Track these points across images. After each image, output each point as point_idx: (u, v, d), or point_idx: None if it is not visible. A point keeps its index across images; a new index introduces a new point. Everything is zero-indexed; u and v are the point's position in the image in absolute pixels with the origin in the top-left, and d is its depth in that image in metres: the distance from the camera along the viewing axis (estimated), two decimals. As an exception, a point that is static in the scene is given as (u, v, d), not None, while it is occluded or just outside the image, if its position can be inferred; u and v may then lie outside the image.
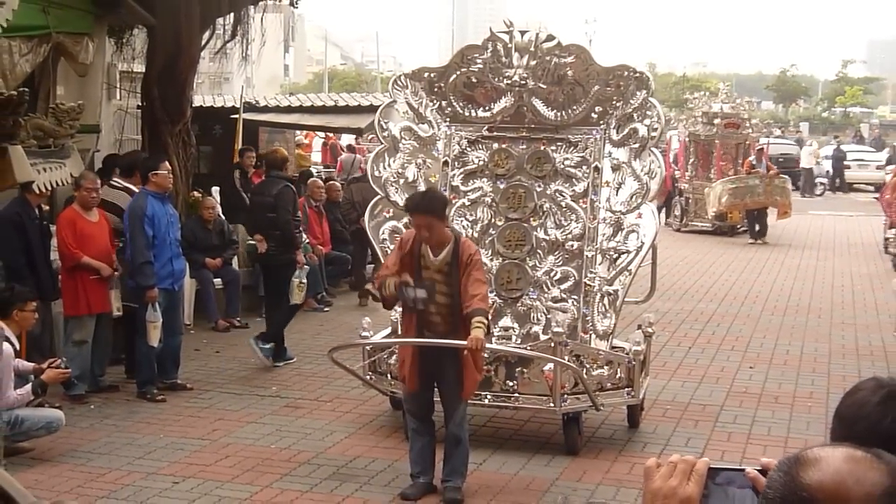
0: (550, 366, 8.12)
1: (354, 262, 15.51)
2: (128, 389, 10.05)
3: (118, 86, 16.33)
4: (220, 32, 14.97)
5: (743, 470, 1.91)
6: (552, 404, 8.21)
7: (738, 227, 23.65)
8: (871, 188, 34.49)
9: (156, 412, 9.43)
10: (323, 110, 18.99)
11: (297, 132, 23.28)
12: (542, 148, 9.37)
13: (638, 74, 9.26)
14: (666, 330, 12.49)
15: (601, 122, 9.28)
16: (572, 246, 9.01)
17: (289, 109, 19.09)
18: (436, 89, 9.54)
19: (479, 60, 9.33)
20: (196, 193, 13.97)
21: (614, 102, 9.22)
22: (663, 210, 24.57)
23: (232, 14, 14.81)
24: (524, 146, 9.42)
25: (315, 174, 19.36)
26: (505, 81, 9.21)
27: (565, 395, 8.16)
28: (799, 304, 15.32)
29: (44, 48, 10.35)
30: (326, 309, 14.22)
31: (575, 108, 9.28)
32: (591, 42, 75.96)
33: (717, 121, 24.10)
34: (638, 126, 9.02)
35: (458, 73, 9.42)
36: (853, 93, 73.65)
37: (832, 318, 14.20)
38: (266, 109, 18.66)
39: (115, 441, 8.56)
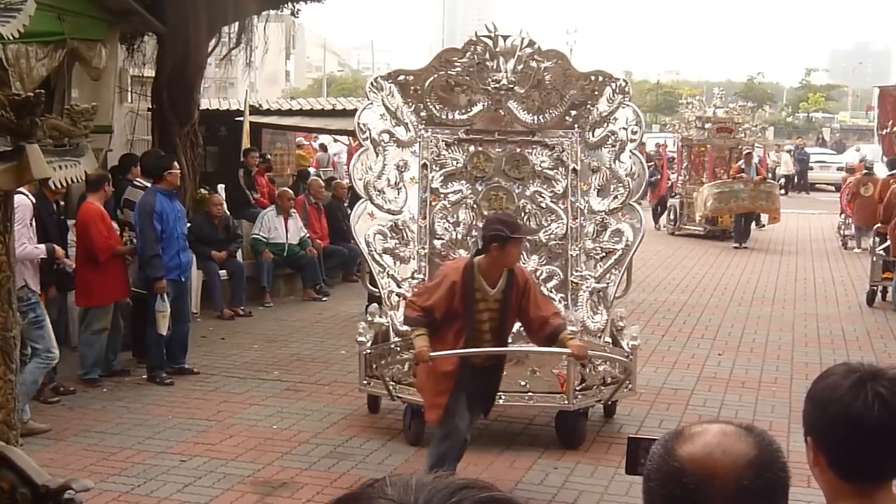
0: (562, 365, 7.90)
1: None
2: (138, 373, 10.01)
3: (130, 89, 16.31)
4: (226, 40, 14.95)
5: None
6: (566, 401, 7.94)
7: (730, 231, 21.89)
8: (832, 188, 34.54)
9: (165, 395, 9.40)
10: (322, 113, 18.98)
11: (298, 134, 23.24)
12: (519, 150, 9.06)
13: (616, 80, 9.09)
14: (640, 319, 12.48)
15: (576, 125, 9.05)
16: (555, 246, 8.78)
17: (290, 112, 19.08)
18: (411, 91, 9.08)
19: (457, 64, 8.92)
20: (203, 191, 13.95)
21: (588, 106, 9.00)
22: (658, 213, 24.16)
23: (237, 23, 14.80)
24: (500, 149, 9.09)
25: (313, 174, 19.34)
26: (492, 85, 8.84)
27: (576, 392, 7.96)
28: (765, 295, 15.34)
29: (59, 53, 10.30)
30: (325, 299, 14.19)
31: (551, 111, 9.02)
32: (572, 51, 76.16)
33: (707, 125, 22.97)
34: (615, 129, 8.85)
35: (436, 75, 8.99)
36: (816, 99, 73.82)
37: (795, 309, 14.22)
38: (269, 112, 18.64)
39: (127, 422, 8.53)
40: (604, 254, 8.67)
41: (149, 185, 10.64)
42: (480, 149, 9.07)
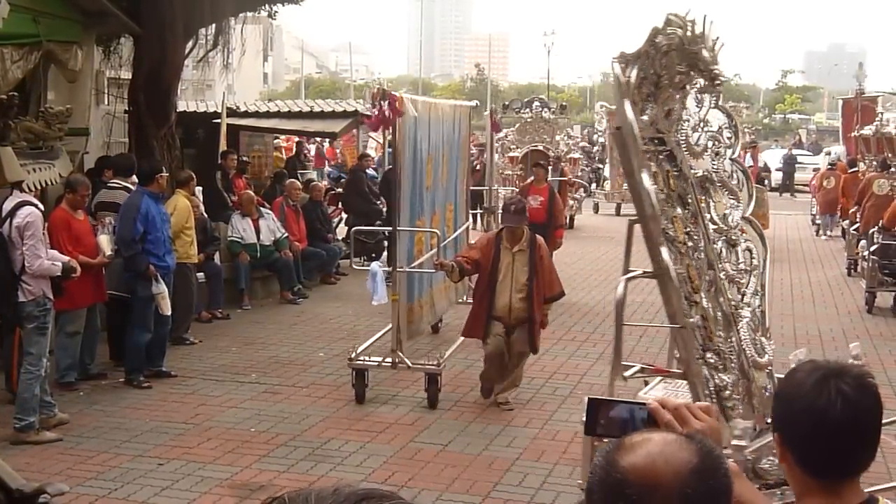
0: None
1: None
2: (115, 376, 9.96)
3: (106, 91, 16.22)
4: (203, 42, 14.89)
5: (642, 404, 2.01)
6: None
7: None
8: (805, 188, 34.73)
9: (142, 398, 9.36)
10: (299, 115, 18.98)
11: (277, 135, 23.20)
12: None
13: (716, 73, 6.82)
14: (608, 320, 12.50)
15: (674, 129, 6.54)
16: (708, 276, 6.55)
17: (268, 115, 19.07)
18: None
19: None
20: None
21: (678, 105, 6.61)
22: None
23: (214, 25, 14.73)
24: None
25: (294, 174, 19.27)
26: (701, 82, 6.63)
27: None
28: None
29: (35, 55, 10.23)
30: (301, 301, 14.14)
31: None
32: (550, 53, 76.28)
33: None
34: (715, 134, 6.76)
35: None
36: (792, 101, 74.32)
37: (772, 309, 14.25)
38: (246, 114, 18.61)
39: (103, 425, 8.49)
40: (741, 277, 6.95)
41: (126, 184, 10.64)
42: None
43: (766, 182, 29.38)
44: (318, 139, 26.88)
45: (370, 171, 20.26)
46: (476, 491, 7.17)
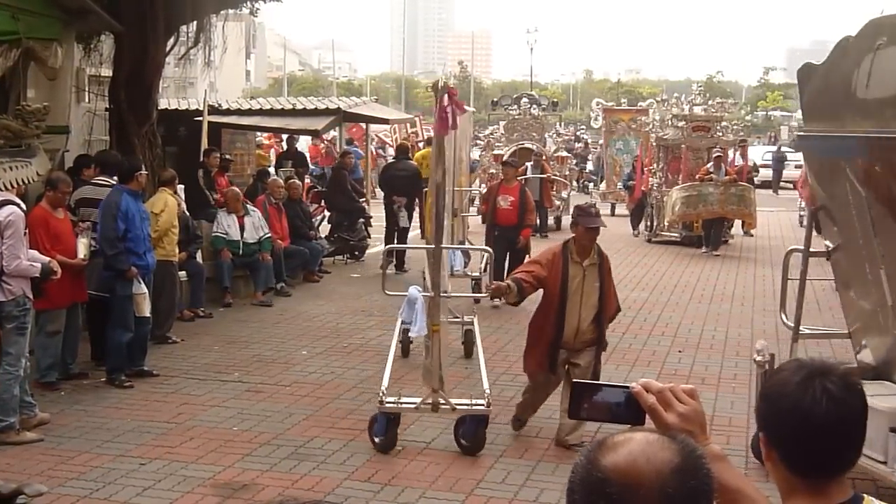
0: None
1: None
2: (96, 376, 9.91)
3: (87, 89, 16.12)
4: (184, 39, 14.81)
5: (626, 387, 2.02)
6: None
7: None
8: (791, 185, 34.90)
9: (124, 398, 9.32)
10: (282, 113, 18.92)
11: (258, 133, 23.13)
12: None
13: None
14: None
15: None
16: None
17: (250, 112, 18.99)
18: None
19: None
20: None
21: None
22: (636, 218, 22.86)
23: (195, 22, 14.67)
24: None
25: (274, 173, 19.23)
26: None
27: None
28: (724, 292, 15.47)
29: (14, 53, 10.15)
30: (272, 303, 13.98)
31: None
32: (533, 50, 76.37)
33: (681, 123, 21.31)
34: None
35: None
36: (774, 97, 74.60)
37: (755, 305, 14.35)
38: (228, 112, 18.53)
39: (85, 425, 8.44)
40: None
41: (112, 182, 10.58)
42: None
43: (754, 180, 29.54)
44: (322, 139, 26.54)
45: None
46: (459, 488, 7.16)
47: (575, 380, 2.04)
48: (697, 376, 10.27)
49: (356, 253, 17.89)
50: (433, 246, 7.98)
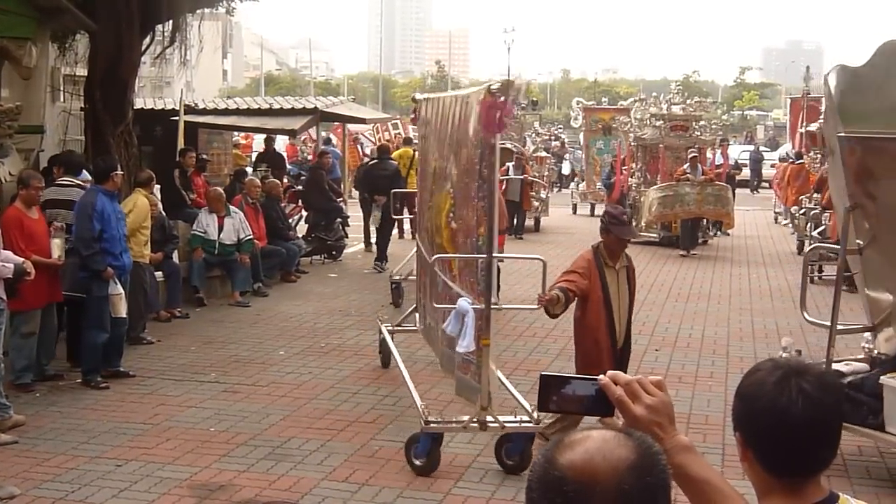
0: None
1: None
2: (72, 377, 9.85)
3: (62, 89, 16.03)
4: (160, 38, 14.76)
5: (595, 380, 2.03)
6: None
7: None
8: (766, 185, 35.10)
9: (99, 399, 9.26)
10: (259, 113, 18.88)
11: (235, 133, 23.07)
12: None
13: None
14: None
15: None
16: None
17: (227, 112, 18.94)
18: None
19: None
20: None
21: None
22: None
23: (171, 21, 14.61)
24: None
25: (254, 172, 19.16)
26: None
27: None
28: (701, 291, 15.53)
29: (-13, 52, 10.10)
30: (249, 304, 13.95)
31: None
32: (510, 49, 76.45)
33: (659, 123, 21.16)
34: None
35: None
36: (750, 97, 75.02)
37: (731, 304, 14.42)
38: (205, 112, 18.47)
39: (60, 427, 8.38)
40: None
41: (77, 182, 10.51)
42: None
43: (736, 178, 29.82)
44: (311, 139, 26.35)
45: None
46: (437, 488, 7.16)
47: (542, 373, 2.03)
48: (674, 375, 10.30)
49: (334, 253, 17.86)
50: (485, 255, 7.38)
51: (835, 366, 7.73)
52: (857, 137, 7.40)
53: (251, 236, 14.35)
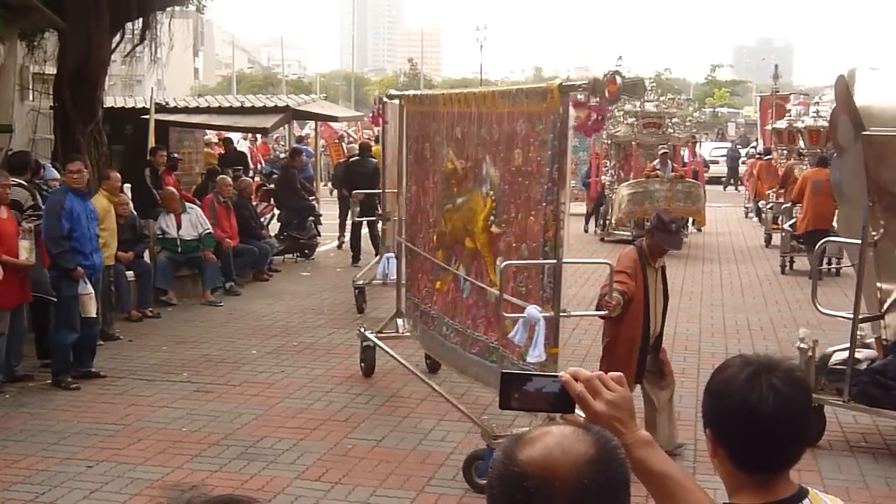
0: None
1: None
2: (42, 378, 9.77)
3: (31, 87, 15.90)
4: (130, 36, 14.67)
5: (556, 376, 2.03)
6: None
7: None
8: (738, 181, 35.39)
9: (70, 399, 9.19)
10: (230, 111, 18.80)
11: (207, 131, 22.96)
12: None
13: None
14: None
15: None
16: None
17: (198, 110, 18.85)
18: None
19: None
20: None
21: None
22: (591, 218, 22.77)
23: (141, 19, 14.54)
24: None
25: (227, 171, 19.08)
26: None
27: None
28: (672, 288, 15.53)
29: (-46, 51, 10.00)
30: (221, 304, 13.92)
31: None
32: (483, 48, 76.46)
33: (631, 120, 21.11)
34: None
35: None
36: (721, 94, 75.38)
37: (702, 300, 14.49)
38: (176, 110, 18.38)
39: (31, 428, 8.31)
40: None
41: (20, 181, 10.44)
42: None
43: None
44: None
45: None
46: (410, 486, 7.15)
47: (503, 370, 2.03)
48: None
49: (306, 251, 17.82)
50: (554, 260, 7.21)
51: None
52: (882, 135, 7.88)
53: (209, 230, 14.23)
